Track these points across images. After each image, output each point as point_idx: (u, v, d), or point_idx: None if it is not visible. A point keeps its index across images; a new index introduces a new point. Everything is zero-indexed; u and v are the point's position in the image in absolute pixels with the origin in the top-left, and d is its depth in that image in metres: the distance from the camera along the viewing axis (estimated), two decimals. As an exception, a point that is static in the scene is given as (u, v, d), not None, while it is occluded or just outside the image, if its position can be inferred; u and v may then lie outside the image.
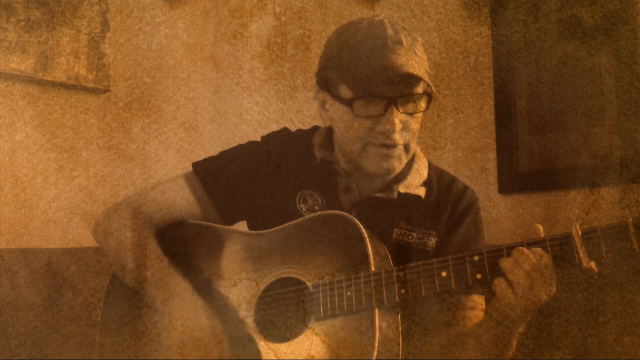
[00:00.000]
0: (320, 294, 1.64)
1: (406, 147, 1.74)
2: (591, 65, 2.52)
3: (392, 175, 1.80)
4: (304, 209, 1.79)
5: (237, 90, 2.77)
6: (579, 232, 1.52)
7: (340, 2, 2.86)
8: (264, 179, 1.85)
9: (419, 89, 1.70)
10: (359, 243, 1.65)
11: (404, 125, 1.71)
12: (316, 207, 1.80)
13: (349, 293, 1.62)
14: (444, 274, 1.59)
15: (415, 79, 1.67)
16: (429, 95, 1.72)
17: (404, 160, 1.77)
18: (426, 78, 1.68)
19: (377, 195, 1.79)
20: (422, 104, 1.72)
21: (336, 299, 1.63)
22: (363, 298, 1.61)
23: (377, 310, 1.59)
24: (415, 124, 1.73)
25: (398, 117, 1.69)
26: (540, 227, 1.58)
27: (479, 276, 1.58)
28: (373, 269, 1.62)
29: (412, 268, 1.61)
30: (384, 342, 1.58)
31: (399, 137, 1.71)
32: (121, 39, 2.57)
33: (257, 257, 1.75)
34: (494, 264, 1.57)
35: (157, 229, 1.86)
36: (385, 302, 1.60)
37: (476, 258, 1.58)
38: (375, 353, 1.55)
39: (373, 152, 1.72)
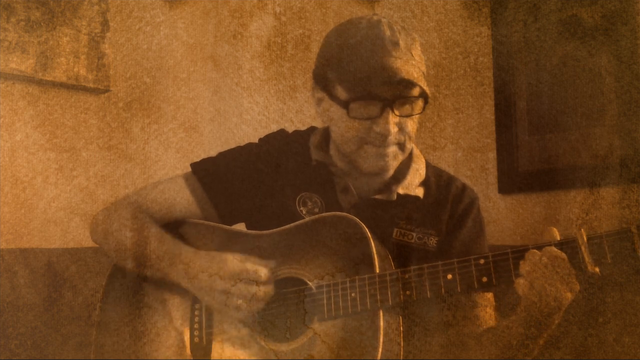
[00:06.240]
0: (324, 295, 1.64)
1: (401, 147, 1.75)
2: (591, 65, 2.52)
3: (389, 174, 1.80)
4: (304, 212, 1.79)
5: (237, 90, 2.77)
6: (585, 238, 1.52)
7: (340, 2, 2.86)
8: (263, 179, 1.85)
9: (415, 91, 1.69)
10: (359, 243, 1.65)
11: (400, 127, 1.71)
12: (316, 210, 1.80)
13: (353, 294, 1.62)
14: (449, 276, 1.59)
15: (410, 83, 1.67)
16: (425, 97, 1.72)
17: (400, 159, 1.77)
18: (421, 82, 1.68)
19: (376, 197, 1.79)
20: (419, 106, 1.72)
21: (340, 299, 1.63)
22: (368, 299, 1.61)
23: (381, 312, 1.59)
24: (411, 125, 1.73)
25: (394, 119, 1.69)
26: (556, 230, 1.58)
27: (484, 279, 1.58)
28: (377, 270, 1.62)
29: (417, 270, 1.61)
30: (385, 343, 1.58)
31: (394, 139, 1.71)
32: (121, 39, 2.56)
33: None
34: (499, 267, 1.57)
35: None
36: (390, 303, 1.60)
37: (482, 261, 1.58)
38: (379, 354, 1.56)
39: (369, 151, 1.73)
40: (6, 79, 2.33)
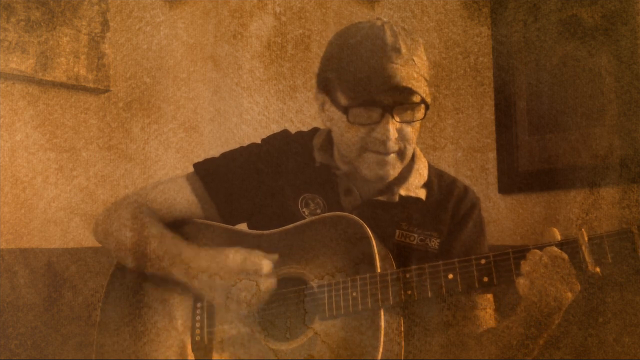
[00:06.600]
0: (326, 294, 1.64)
1: (400, 155, 1.73)
2: (591, 65, 2.52)
3: (389, 180, 1.80)
4: (306, 213, 1.79)
5: (237, 90, 2.77)
6: (586, 238, 1.52)
7: (340, 2, 2.86)
8: (265, 180, 1.85)
9: (416, 98, 1.68)
10: (360, 243, 1.65)
11: (400, 133, 1.70)
12: (318, 211, 1.79)
13: (354, 293, 1.62)
14: (450, 276, 1.59)
15: (408, 90, 1.66)
16: (426, 103, 1.71)
17: (398, 168, 1.76)
18: (421, 89, 1.66)
19: (379, 198, 1.79)
20: (420, 112, 1.71)
21: (341, 299, 1.63)
22: (368, 299, 1.61)
23: (382, 311, 1.60)
24: (412, 131, 1.72)
25: (394, 126, 1.68)
26: (556, 231, 1.58)
27: (485, 279, 1.58)
28: (379, 270, 1.62)
29: (417, 270, 1.61)
30: (385, 342, 1.58)
31: (394, 145, 1.70)
32: (121, 39, 2.56)
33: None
34: (500, 267, 1.57)
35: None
36: (391, 302, 1.60)
37: (483, 261, 1.59)
38: (380, 354, 1.56)
39: (370, 158, 1.72)
40: (6, 79, 2.33)
